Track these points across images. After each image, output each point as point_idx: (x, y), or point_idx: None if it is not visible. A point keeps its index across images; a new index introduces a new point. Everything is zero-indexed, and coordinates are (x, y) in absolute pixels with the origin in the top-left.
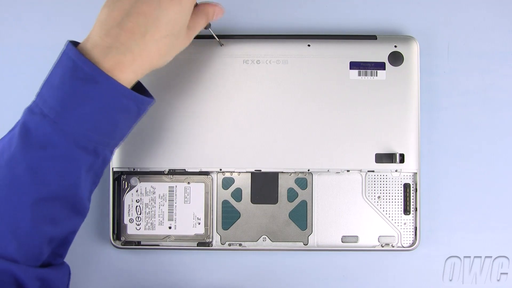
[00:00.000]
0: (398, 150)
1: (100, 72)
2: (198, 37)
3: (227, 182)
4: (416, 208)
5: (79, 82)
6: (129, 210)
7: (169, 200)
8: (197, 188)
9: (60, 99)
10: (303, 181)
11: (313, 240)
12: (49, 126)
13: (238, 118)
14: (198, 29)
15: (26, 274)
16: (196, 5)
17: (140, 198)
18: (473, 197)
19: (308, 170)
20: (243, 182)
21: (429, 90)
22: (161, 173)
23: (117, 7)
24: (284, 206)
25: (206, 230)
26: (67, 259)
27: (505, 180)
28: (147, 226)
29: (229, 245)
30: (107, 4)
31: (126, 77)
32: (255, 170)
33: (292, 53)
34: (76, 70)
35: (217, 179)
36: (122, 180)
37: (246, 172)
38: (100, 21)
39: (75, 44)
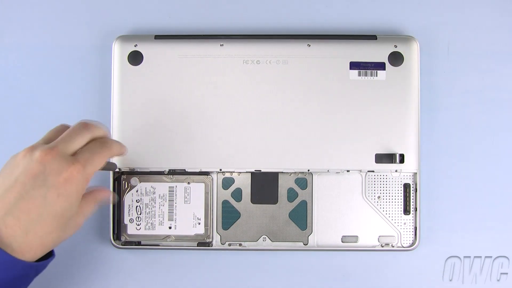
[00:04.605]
0: (398, 150)
1: None
2: (198, 37)
3: (227, 182)
4: (416, 208)
5: None
6: (129, 210)
7: (169, 200)
8: (197, 188)
9: None
10: (303, 181)
11: (313, 240)
12: None
13: (238, 118)
14: (88, 214)
15: None
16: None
17: (140, 198)
18: (473, 197)
19: (308, 170)
20: (243, 182)
21: (429, 90)
22: (161, 173)
23: (1, 201)
24: (284, 206)
25: (206, 230)
26: (68, 258)
27: (505, 180)
28: (147, 226)
29: (229, 245)
30: None
31: (23, 257)
32: (255, 170)
33: (292, 53)
34: None
35: (217, 179)
36: (122, 180)
37: (246, 172)
38: None
39: None
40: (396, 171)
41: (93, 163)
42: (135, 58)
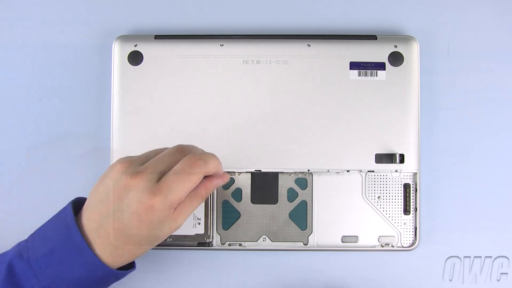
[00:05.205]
0: (398, 150)
1: (88, 250)
2: (198, 37)
3: (227, 182)
4: (416, 208)
5: (67, 248)
6: None
7: None
8: None
9: (47, 258)
10: (303, 181)
11: (313, 240)
12: (32, 277)
13: (238, 118)
14: (190, 212)
15: None
16: None
17: None
18: (473, 197)
19: (308, 170)
20: (243, 182)
21: (429, 90)
22: None
23: (96, 211)
24: (284, 206)
25: (206, 230)
26: None
27: (505, 180)
28: None
29: (229, 245)
30: (93, 193)
31: (112, 262)
32: (255, 170)
33: (292, 53)
34: (68, 237)
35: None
36: None
37: (246, 172)
38: (89, 208)
39: (79, 200)
40: (396, 171)
41: (177, 191)
42: (135, 58)
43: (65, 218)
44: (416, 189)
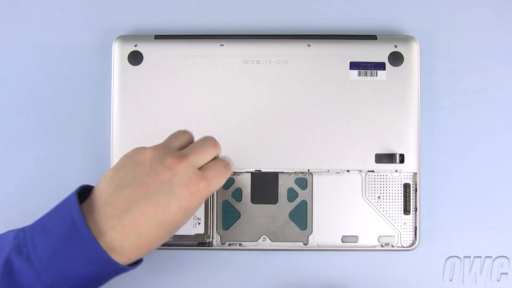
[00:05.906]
0: (398, 150)
1: (97, 246)
2: (198, 37)
3: (227, 182)
4: (416, 208)
5: (73, 244)
6: None
7: None
8: None
9: (50, 254)
10: (303, 181)
11: (313, 240)
12: (33, 275)
13: (238, 118)
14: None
15: None
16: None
17: None
18: (473, 197)
19: (308, 170)
20: (243, 182)
21: (429, 90)
22: None
23: (120, 196)
24: (284, 206)
25: (206, 230)
26: None
27: (505, 180)
28: None
29: (229, 245)
30: (110, 180)
31: (121, 259)
32: (255, 170)
33: (292, 53)
34: (74, 232)
35: None
36: None
37: (246, 172)
38: (104, 195)
39: (84, 188)
40: (396, 171)
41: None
42: (135, 58)
43: (69, 211)
44: (416, 189)
